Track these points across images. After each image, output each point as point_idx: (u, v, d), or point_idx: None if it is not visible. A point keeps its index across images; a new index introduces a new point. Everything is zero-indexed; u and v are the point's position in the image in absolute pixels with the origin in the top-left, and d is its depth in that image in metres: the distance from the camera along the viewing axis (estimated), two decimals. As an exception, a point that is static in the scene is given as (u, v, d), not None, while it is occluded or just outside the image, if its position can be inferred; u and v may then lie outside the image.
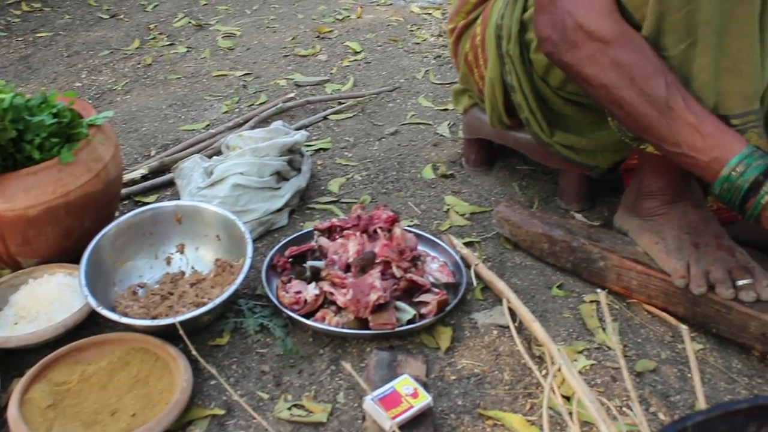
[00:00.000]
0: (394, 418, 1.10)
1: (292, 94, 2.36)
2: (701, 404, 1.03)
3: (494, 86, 1.59)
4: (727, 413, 0.66)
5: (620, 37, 1.18)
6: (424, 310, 1.34)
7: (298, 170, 1.77)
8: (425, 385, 1.20)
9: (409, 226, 1.63)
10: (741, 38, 1.15)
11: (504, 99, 1.60)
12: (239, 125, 2.15)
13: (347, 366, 0.97)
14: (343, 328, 1.31)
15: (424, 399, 1.14)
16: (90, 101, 2.50)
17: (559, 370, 1.14)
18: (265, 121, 2.17)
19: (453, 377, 1.26)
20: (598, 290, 1.16)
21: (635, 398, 1.07)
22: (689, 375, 1.26)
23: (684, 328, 1.29)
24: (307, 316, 1.35)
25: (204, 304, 1.32)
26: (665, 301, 1.37)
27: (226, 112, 2.35)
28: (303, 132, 1.79)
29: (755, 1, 1.14)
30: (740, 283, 1.30)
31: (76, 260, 1.40)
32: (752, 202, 1.14)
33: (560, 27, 1.22)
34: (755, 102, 1.19)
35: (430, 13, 3.35)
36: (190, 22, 3.34)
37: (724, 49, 1.15)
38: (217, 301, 1.30)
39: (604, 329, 1.35)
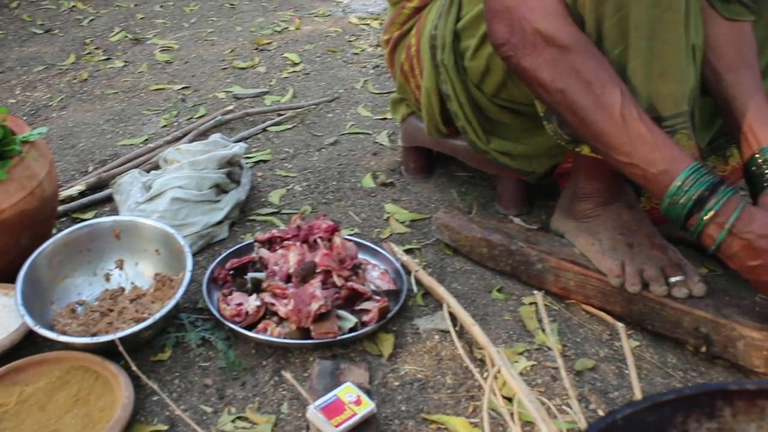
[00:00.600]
0: (337, 426, 1.11)
1: (230, 107, 2.35)
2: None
3: (430, 95, 1.61)
4: (655, 405, 0.68)
5: (577, 42, 1.18)
6: (365, 318, 1.35)
7: (238, 182, 1.76)
8: (368, 392, 1.21)
9: (349, 235, 1.63)
10: (669, 42, 1.18)
11: (440, 108, 1.62)
12: (178, 139, 2.14)
13: (288, 376, 0.97)
14: (285, 338, 1.31)
15: (368, 406, 1.14)
16: (25, 118, 2.45)
17: (500, 371, 1.16)
18: (204, 135, 2.16)
19: (396, 383, 1.27)
20: (535, 291, 1.18)
21: (573, 396, 1.10)
22: (627, 371, 1.29)
23: (621, 326, 1.32)
24: (249, 327, 1.34)
25: (144, 319, 1.31)
26: (602, 301, 1.40)
27: (164, 126, 2.33)
28: (242, 144, 1.79)
29: (681, 7, 1.17)
30: (673, 280, 1.34)
31: (12, 279, 1.38)
32: (695, 218, 1.16)
33: (519, 31, 1.21)
34: (684, 103, 1.23)
35: (368, 24, 3.37)
36: (126, 36, 3.30)
37: (654, 53, 1.18)
38: (157, 315, 1.29)
39: (543, 330, 1.37)
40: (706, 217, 1.15)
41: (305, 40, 3.16)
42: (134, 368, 1.10)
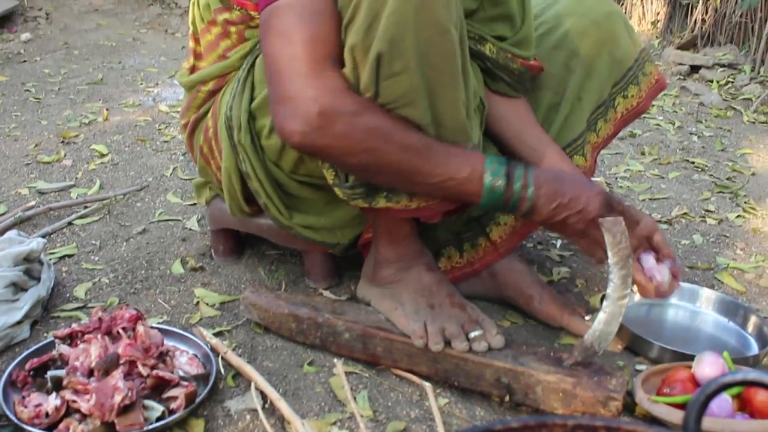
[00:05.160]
0: None
1: (32, 203, 2.27)
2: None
3: (231, 176, 1.62)
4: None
5: (362, 107, 1.26)
6: (173, 405, 1.32)
7: (38, 279, 1.70)
8: (178, 481, 1.18)
9: (159, 322, 1.61)
10: (445, 101, 1.29)
11: (242, 187, 1.63)
12: (-25, 240, 2.04)
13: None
14: (88, 435, 1.26)
15: (176, 495, 1.12)
16: None
17: (306, 443, 1.16)
18: (3, 233, 2.07)
19: (208, 468, 1.25)
20: (336, 360, 1.20)
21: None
22: (438, 429, 1.32)
23: (428, 386, 1.37)
24: (51, 428, 1.28)
25: (-68, 433, 1.22)
26: (409, 363, 1.44)
27: (-39, 227, 2.21)
28: (39, 239, 1.73)
29: (458, 69, 1.29)
30: (472, 335, 1.41)
31: None
32: (511, 190, 1.32)
33: (305, 116, 1.24)
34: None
35: (178, 111, 3.35)
36: None
37: (431, 110, 1.29)
38: (-55, 427, 1.21)
39: (355, 398, 1.39)
40: (517, 185, 1.32)
41: (114, 130, 3.11)
42: None
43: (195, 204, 2.29)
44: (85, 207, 2.26)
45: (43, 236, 2.04)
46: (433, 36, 1.22)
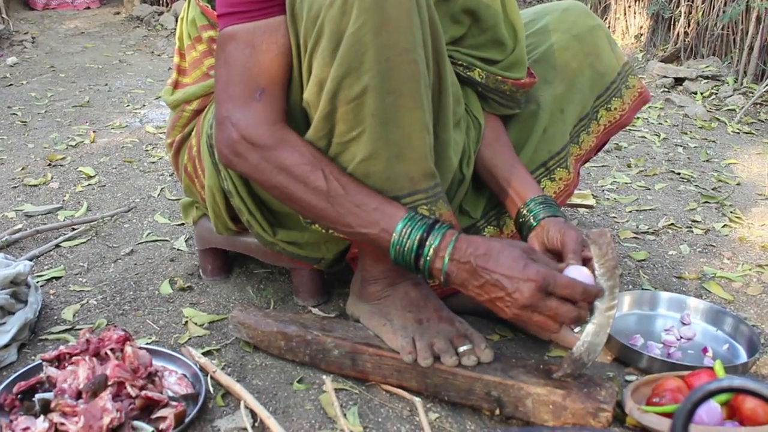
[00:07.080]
0: None
1: (19, 225, 2.27)
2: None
3: (214, 194, 1.62)
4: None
5: (278, 143, 1.31)
6: (162, 426, 1.31)
7: (25, 302, 1.69)
8: (168, 502, 1.17)
9: (147, 343, 1.60)
10: (404, 126, 1.28)
11: (226, 205, 1.64)
12: (-38, 264, 2.03)
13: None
14: (77, 458, 1.26)
15: None
16: None
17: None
18: (-10, 257, 2.06)
19: (198, 489, 1.24)
20: (325, 377, 1.20)
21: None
22: (428, 445, 1.32)
23: (417, 401, 1.37)
24: (39, 452, 1.27)
25: None
26: (399, 378, 1.44)
27: (-53, 252, 2.20)
28: (26, 262, 1.72)
29: (418, 93, 1.28)
30: (461, 349, 1.41)
31: None
32: (421, 258, 1.29)
33: (229, 141, 1.34)
34: (423, 181, 1.34)
35: (165, 132, 3.35)
36: None
37: (390, 138, 1.28)
38: (-68, 453, 1.20)
39: (345, 415, 1.39)
40: (429, 255, 1.28)
41: (101, 152, 3.11)
42: None
43: (183, 224, 2.29)
44: (73, 229, 2.26)
45: (31, 259, 2.03)
46: (393, 57, 1.23)
